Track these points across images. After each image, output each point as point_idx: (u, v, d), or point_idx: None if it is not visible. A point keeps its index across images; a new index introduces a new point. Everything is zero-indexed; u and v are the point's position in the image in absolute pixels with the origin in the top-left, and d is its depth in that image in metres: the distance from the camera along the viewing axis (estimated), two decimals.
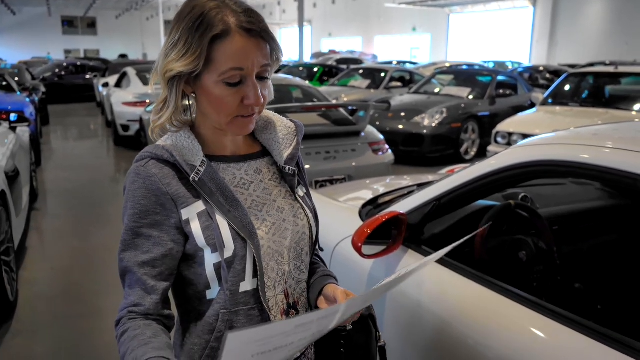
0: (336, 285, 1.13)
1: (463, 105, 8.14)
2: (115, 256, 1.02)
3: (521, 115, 7.03)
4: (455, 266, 1.58)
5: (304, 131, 1.17)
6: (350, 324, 1.15)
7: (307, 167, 4.33)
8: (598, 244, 2.16)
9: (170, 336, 1.00)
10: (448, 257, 1.62)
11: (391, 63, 17.32)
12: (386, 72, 10.94)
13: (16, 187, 3.97)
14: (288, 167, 1.11)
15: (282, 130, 1.14)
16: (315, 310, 0.94)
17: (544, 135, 1.67)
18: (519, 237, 1.76)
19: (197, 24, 0.93)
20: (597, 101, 6.92)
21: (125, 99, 8.81)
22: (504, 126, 6.50)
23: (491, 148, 6.50)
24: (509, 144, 6.24)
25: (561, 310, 1.29)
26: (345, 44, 33.06)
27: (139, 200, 0.98)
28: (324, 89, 9.91)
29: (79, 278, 3.90)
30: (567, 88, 7.31)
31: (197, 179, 0.99)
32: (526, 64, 19.68)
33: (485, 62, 18.07)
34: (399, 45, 30.82)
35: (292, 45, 34.81)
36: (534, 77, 12.96)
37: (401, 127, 7.74)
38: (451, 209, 1.71)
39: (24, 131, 5.57)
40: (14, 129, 5.20)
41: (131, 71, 9.90)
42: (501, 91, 8.73)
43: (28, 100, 8.17)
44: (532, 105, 8.29)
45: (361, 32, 32.97)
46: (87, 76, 17.15)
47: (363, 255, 1.61)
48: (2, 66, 13.11)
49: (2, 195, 3.37)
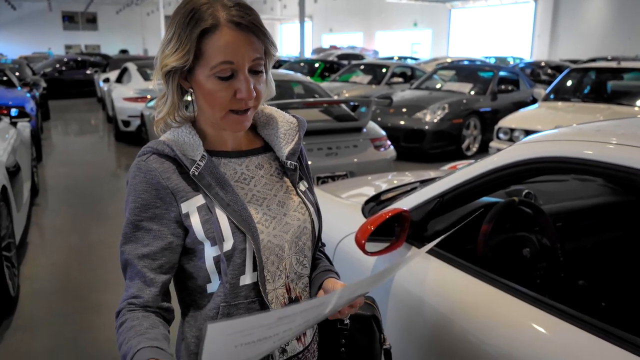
0: (336, 279, 1.13)
1: (465, 101, 8.12)
2: (115, 252, 1.04)
3: (523, 111, 7.01)
4: (458, 263, 1.58)
5: (306, 126, 1.18)
6: (348, 317, 1.14)
7: (309, 163, 4.31)
8: (602, 241, 2.16)
9: (168, 328, 1.01)
10: (451, 254, 1.62)
11: (392, 59, 17.29)
12: (387, 67, 10.90)
13: (17, 183, 3.96)
14: (290, 162, 1.12)
15: (284, 125, 1.14)
16: (300, 302, 0.94)
17: (547, 131, 1.66)
18: (522, 233, 1.76)
19: (188, 18, 0.95)
20: (599, 97, 6.89)
21: (126, 95, 8.81)
22: (506, 122, 6.48)
23: (493, 144, 6.49)
24: (510, 140, 6.23)
25: (564, 307, 1.28)
26: (346, 39, 32.99)
27: (140, 194, 1.00)
28: (325, 84, 9.89)
29: (79, 274, 3.90)
30: (569, 84, 7.29)
31: (196, 173, 1.00)
32: (527, 59, 19.65)
33: (487, 58, 18.02)
34: (400, 40, 30.75)
35: (293, 40, 34.78)
36: (536, 72, 12.93)
37: (403, 123, 7.72)
38: (454, 205, 1.70)
39: (24, 126, 5.57)
40: (14, 124, 5.20)
41: (132, 66, 9.89)
42: (503, 87, 8.70)
43: (29, 95, 8.16)
44: (534, 101, 8.27)
45: (362, 28, 32.90)
46: (88, 71, 17.14)
47: (366, 253, 1.60)
48: (3, 61, 13.08)
49: (4, 191, 3.37)
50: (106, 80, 11.36)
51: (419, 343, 1.59)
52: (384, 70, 10.77)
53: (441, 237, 1.21)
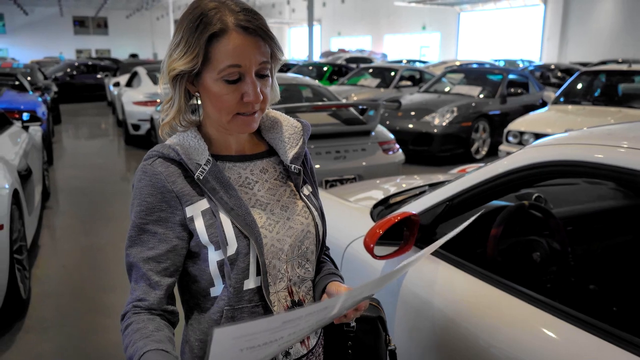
0: (340, 283, 1.13)
1: (473, 104, 8.09)
2: (124, 254, 1.05)
3: (533, 114, 6.97)
4: (467, 267, 1.57)
5: (310, 131, 1.18)
6: (354, 320, 1.14)
7: (317, 166, 4.32)
8: (613, 245, 2.14)
9: (173, 331, 1.02)
10: (460, 258, 1.61)
11: (401, 62, 17.26)
12: (396, 70, 10.89)
13: (29, 186, 4.00)
14: (294, 166, 1.13)
15: (289, 129, 1.15)
16: (304, 306, 0.94)
17: (557, 135, 1.65)
18: (532, 237, 1.75)
19: (196, 23, 0.96)
20: (609, 100, 6.84)
21: (136, 99, 8.86)
22: (516, 125, 6.45)
23: (502, 147, 6.46)
24: (520, 143, 6.19)
25: (574, 311, 1.27)
26: (354, 42, 33.01)
27: (145, 197, 1.01)
28: (333, 88, 9.90)
29: (88, 275, 3.93)
30: (579, 86, 7.24)
31: (201, 177, 1.01)
32: (537, 62, 19.54)
33: (496, 61, 17.96)
34: (408, 43, 30.71)
35: (301, 44, 34.87)
36: (545, 75, 12.85)
37: (411, 126, 7.71)
38: (464, 209, 1.69)
39: (36, 130, 5.62)
40: (26, 128, 5.24)
41: (142, 71, 9.96)
42: (512, 90, 8.66)
43: (40, 99, 8.23)
44: (544, 104, 8.22)
45: (370, 31, 32.90)
46: (98, 76, 17.29)
47: (375, 256, 1.60)
48: (15, 66, 13.23)
49: (15, 194, 3.40)
50: (116, 85, 11.45)
51: (426, 345, 1.58)
52: (392, 74, 10.76)
53: (442, 239, 1.20)
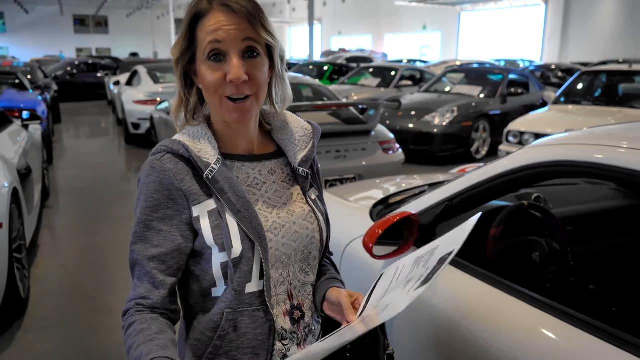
0: (339, 288, 1.12)
1: (474, 104, 8.08)
2: (125, 253, 1.04)
3: (533, 114, 6.97)
4: (467, 267, 1.57)
5: (320, 134, 1.16)
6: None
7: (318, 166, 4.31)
8: (613, 245, 2.13)
9: (175, 330, 1.01)
10: (460, 258, 1.60)
11: (401, 61, 17.26)
12: (396, 70, 10.89)
13: (28, 185, 4.00)
14: (302, 169, 1.11)
15: (299, 131, 1.13)
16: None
17: (557, 135, 1.64)
18: (532, 237, 1.74)
19: (188, 9, 1.00)
20: (610, 100, 6.84)
21: (136, 97, 8.87)
22: (516, 125, 6.45)
23: (502, 147, 6.46)
24: (520, 143, 6.19)
25: (574, 311, 1.27)
26: (355, 42, 33.01)
27: (152, 194, 1.00)
28: (333, 87, 9.90)
29: (88, 275, 3.92)
30: (580, 86, 7.24)
31: (210, 177, 1.00)
32: (538, 62, 19.54)
33: (497, 61, 17.95)
34: (409, 43, 30.71)
35: (302, 43, 34.85)
36: (546, 75, 12.85)
37: (411, 126, 7.70)
38: (463, 209, 1.69)
39: (36, 129, 5.62)
40: (26, 127, 5.24)
41: (142, 70, 9.96)
42: (512, 90, 8.65)
43: (40, 98, 8.23)
44: (544, 104, 8.21)
45: (371, 31, 32.89)
46: (99, 74, 17.30)
47: (374, 256, 1.60)
48: (15, 64, 13.22)
49: (15, 193, 3.39)
50: (116, 83, 11.45)
51: (426, 346, 1.58)
52: (392, 73, 10.76)
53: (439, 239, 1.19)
